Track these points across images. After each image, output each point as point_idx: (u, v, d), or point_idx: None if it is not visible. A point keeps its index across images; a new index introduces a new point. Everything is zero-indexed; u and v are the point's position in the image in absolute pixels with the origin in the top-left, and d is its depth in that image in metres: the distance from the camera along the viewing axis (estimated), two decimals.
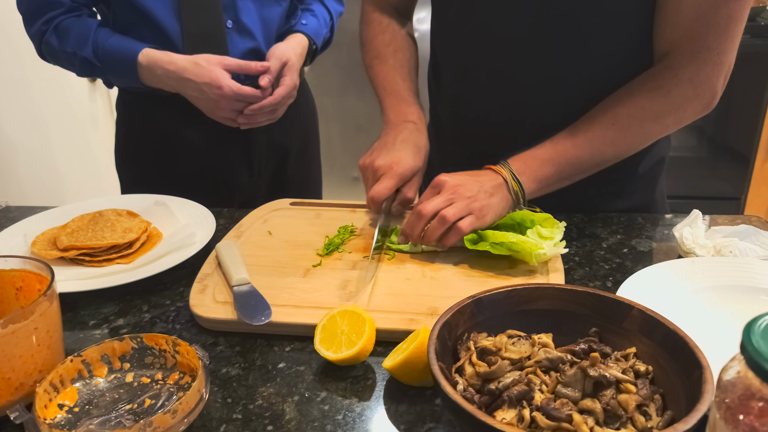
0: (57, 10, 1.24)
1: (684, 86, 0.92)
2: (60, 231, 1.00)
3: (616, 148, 0.96)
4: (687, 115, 0.96)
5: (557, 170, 0.95)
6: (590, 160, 0.95)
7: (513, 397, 0.59)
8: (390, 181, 0.98)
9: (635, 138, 0.96)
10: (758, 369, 0.42)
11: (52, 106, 1.97)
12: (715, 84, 0.93)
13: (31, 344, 0.66)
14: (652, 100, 0.93)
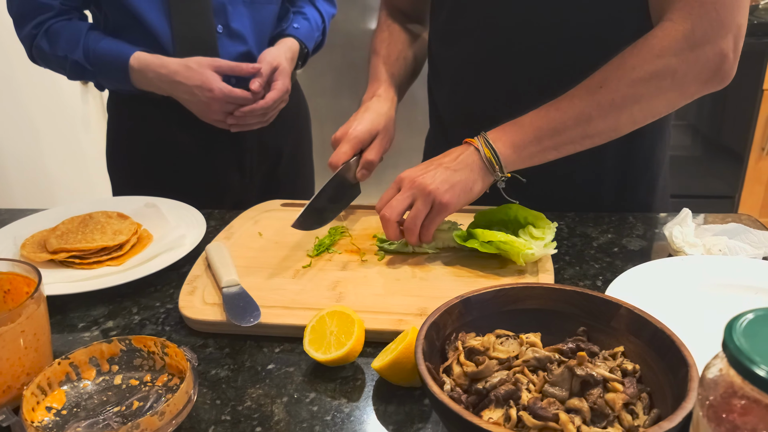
0: (47, 13, 1.24)
1: (679, 47, 0.84)
2: (50, 233, 0.99)
3: (604, 113, 0.88)
4: (689, 81, 0.87)
5: (536, 135, 0.89)
6: (575, 125, 0.88)
7: (500, 396, 0.59)
8: (345, 146, 1.00)
9: (625, 101, 0.87)
10: (740, 367, 0.42)
11: (43, 108, 1.96)
12: (719, 45, 0.84)
13: (18, 347, 0.66)
14: (643, 60, 0.86)
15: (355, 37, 2.61)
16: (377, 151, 1.02)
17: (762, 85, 2.66)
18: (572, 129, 0.88)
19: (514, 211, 0.93)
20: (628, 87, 0.86)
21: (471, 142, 0.92)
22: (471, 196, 0.90)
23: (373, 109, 1.04)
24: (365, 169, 1.01)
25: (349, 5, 2.52)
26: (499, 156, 0.89)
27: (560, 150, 0.91)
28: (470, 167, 0.90)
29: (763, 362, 0.40)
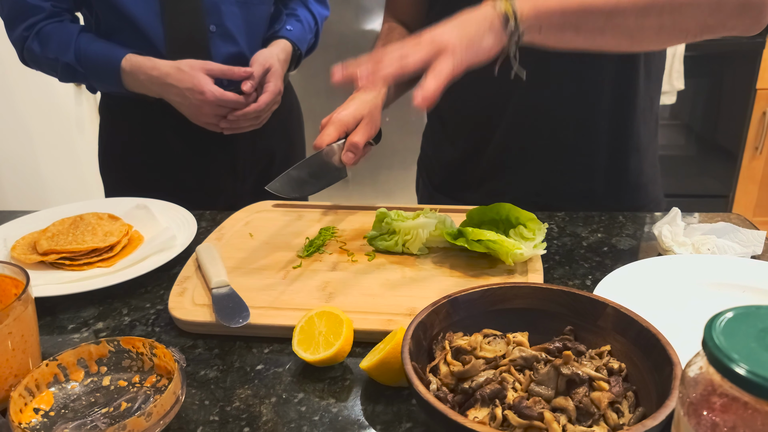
0: (38, 15, 1.24)
1: None
2: (40, 235, 1.00)
3: (636, 6, 0.82)
4: (728, 11, 0.83)
5: (562, 5, 0.82)
6: (602, 9, 0.82)
7: (485, 396, 0.59)
8: (330, 128, 0.99)
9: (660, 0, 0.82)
10: (719, 365, 0.42)
11: (36, 109, 1.96)
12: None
13: (6, 349, 0.66)
14: None
15: (349, 38, 2.62)
16: (362, 134, 1.01)
17: (755, 85, 2.67)
18: (599, 14, 0.83)
19: (506, 210, 0.93)
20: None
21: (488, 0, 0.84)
22: (479, 50, 0.82)
23: (358, 98, 1.05)
24: (350, 152, 1.01)
25: (343, 7, 2.52)
26: (517, 13, 0.81)
27: (580, 31, 0.85)
28: (481, 20, 0.82)
29: (741, 360, 0.40)
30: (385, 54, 0.80)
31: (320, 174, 1.01)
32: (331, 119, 1.01)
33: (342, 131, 1.01)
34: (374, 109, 1.05)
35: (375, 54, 0.81)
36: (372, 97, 1.06)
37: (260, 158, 1.45)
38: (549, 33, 0.84)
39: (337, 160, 1.01)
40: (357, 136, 1.01)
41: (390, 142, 1.07)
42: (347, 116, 1.01)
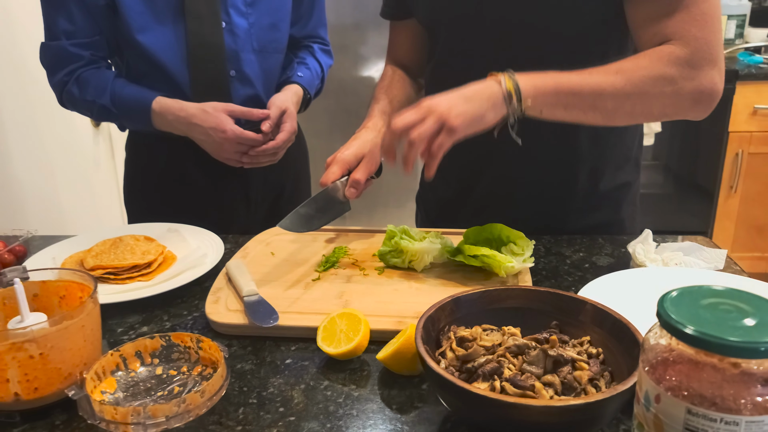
0: (78, 62, 1.37)
1: (682, 64, 0.98)
2: (85, 254, 1.12)
3: (615, 93, 0.98)
4: (685, 95, 0.99)
5: (556, 87, 0.98)
6: (590, 93, 0.98)
7: (486, 372, 0.71)
8: (334, 167, 1.13)
9: (634, 90, 0.98)
10: (669, 327, 0.54)
11: (59, 148, 2.10)
12: (710, 74, 0.99)
13: (79, 339, 0.78)
14: (654, 64, 0.99)
15: (348, 84, 2.79)
16: (363, 171, 1.15)
17: (728, 127, 2.85)
18: (585, 96, 0.99)
19: (498, 230, 1.07)
20: (639, 80, 0.98)
21: (494, 75, 0.98)
22: (481, 125, 0.96)
23: (360, 137, 1.19)
24: (353, 188, 1.14)
25: (342, 55, 2.70)
26: (521, 90, 0.96)
27: (568, 110, 1.00)
28: (486, 98, 0.95)
29: (686, 323, 0.53)
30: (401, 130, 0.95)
31: (326, 208, 1.15)
32: (335, 158, 1.15)
33: (345, 169, 1.15)
34: (374, 148, 1.18)
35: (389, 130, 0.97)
36: (372, 137, 1.20)
37: (271, 190, 1.59)
38: (543, 108, 1.00)
39: (341, 195, 1.15)
40: (359, 173, 1.15)
41: (386, 181, 1.21)
42: (350, 155, 1.15)
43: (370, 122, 1.23)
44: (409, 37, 1.34)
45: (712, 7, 0.99)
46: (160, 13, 1.35)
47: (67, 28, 1.34)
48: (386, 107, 1.27)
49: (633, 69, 1.00)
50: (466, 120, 0.94)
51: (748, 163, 2.89)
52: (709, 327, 0.52)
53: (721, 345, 0.50)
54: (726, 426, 0.50)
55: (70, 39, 1.35)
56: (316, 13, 1.59)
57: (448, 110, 0.93)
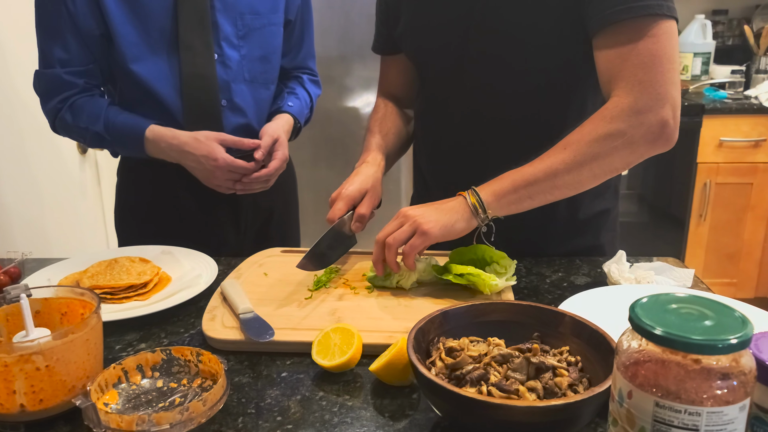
0: (72, 90, 1.42)
1: (626, 114, 1.03)
2: (81, 275, 1.15)
3: (568, 168, 1.05)
4: (638, 142, 1.04)
5: (513, 185, 1.07)
6: (544, 178, 1.06)
7: (473, 378, 0.76)
8: (340, 203, 1.19)
9: (585, 157, 1.05)
10: (639, 329, 0.60)
11: (46, 174, 2.13)
12: (660, 113, 1.03)
13: (83, 352, 0.81)
14: (598, 125, 1.05)
15: (333, 114, 2.87)
16: (367, 206, 1.21)
17: (696, 159, 2.96)
18: (542, 181, 1.07)
19: (482, 251, 1.12)
20: (586, 146, 1.05)
21: (461, 193, 1.11)
22: (452, 232, 1.08)
23: (362, 173, 1.25)
24: (358, 222, 1.21)
25: (328, 86, 2.78)
26: (483, 201, 1.08)
27: (534, 199, 1.09)
28: (456, 211, 1.08)
29: (655, 324, 0.58)
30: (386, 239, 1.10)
31: (335, 245, 1.21)
32: (340, 195, 1.21)
33: (350, 205, 1.21)
34: (376, 183, 1.25)
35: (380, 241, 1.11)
36: (373, 171, 1.26)
37: (260, 215, 1.63)
38: (510, 207, 1.10)
39: (347, 229, 1.21)
40: (363, 208, 1.21)
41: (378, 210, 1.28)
42: (354, 191, 1.21)
43: (369, 156, 1.29)
44: (399, 71, 1.41)
45: (662, 47, 1.03)
46: (155, 44, 1.41)
47: (62, 57, 1.39)
48: (381, 141, 1.34)
49: (579, 139, 1.06)
50: (437, 226, 1.07)
51: (716, 193, 3.00)
52: (674, 328, 0.58)
53: (684, 343, 0.56)
54: (690, 417, 0.56)
55: (64, 67, 1.39)
56: (306, 46, 1.66)
57: (421, 217, 1.08)
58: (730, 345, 0.55)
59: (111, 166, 1.60)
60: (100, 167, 2.41)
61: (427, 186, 1.42)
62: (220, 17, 1.43)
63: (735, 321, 0.58)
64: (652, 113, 1.03)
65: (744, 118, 2.89)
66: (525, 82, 1.19)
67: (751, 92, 3.07)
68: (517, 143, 1.22)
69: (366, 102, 2.87)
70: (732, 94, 3.05)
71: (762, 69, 3.17)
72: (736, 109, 2.89)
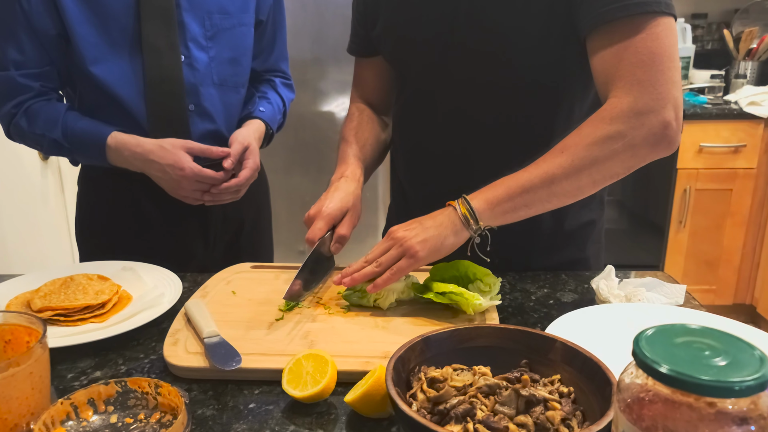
0: (27, 94, 1.33)
1: (626, 115, 0.97)
2: (33, 294, 1.06)
3: (567, 174, 0.99)
4: (639, 144, 0.97)
5: (508, 193, 1.00)
6: (541, 185, 0.99)
7: (459, 414, 0.70)
8: (320, 223, 1.11)
9: (584, 162, 0.98)
10: (645, 367, 0.54)
11: (4, 183, 2.02)
12: (661, 114, 0.96)
13: (27, 387, 0.73)
14: (597, 127, 0.98)
15: (306, 119, 2.79)
16: (348, 226, 1.14)
17: (676, 165, 2.94)
18: (539, 188, 1.00)
19: (465, 267, 1.06)
20: (584, 150, 0.98)
21: (451, 203, 1.03)
22: (442, 250, 1.01)
23: (342, 189, 1.17)
24: (338, 243, 1.13)
25: (301, 90, 2.70)
26: (474, 211, 1.00)
27: (530, 207, 1.01)
28: (445, 225, 1.01)
29: (662, 362, 0.52)
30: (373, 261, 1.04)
31: (317, 269, 1.13)
32: (320, 213, 1.12)
33: (330, 224, 1.13)
34: (356, 200, 1.17)
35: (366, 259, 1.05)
36: (353, 188, 1.19)
37: (230, 226, 1.55)
38: (505, 216, 1.02)
39: (326, 250, 1.13)
40: (344, 228, 1.14)
41: None
42: (335, 210, 1.13)
43: (347, 170, 1.22)
44: (375, 75, 1.35)
45: (662, 45, 0.97)
46: (116, 44, 1.32)
47: (16, 58, 1.30)
48: (358, 152, 1.27)
49: (576, 142, 1.00)
50: (426, 246, 1.00)
51: (695, 199, 2.98)
52: (684, 366, 0.51)
53: (696, 384, 0.50)
54: None
55: (19, 69, 1.31)
56: (278, 47, 1.59)
57: (409, 240, 1.01)
58: (748, 387, 0.49)
59: (75, 172, 1.50)
60: (64, 174, 2.30)
61: (405, 195, 1.35)
62: (186, 16, 1.35)
63: (752, 358, 0.52)
64: (654, 114, 0.97)
65: (724, 123, 2.88)
66: (511, 81, 1.13)
67: (731, 97, 3.06)
68: (500, 148, 1.16)
69: (341, 106, 2.80)
70: (712, 99, 3.03)
71: (741, 74, 3.17)
72: (716, 115, 2.87)
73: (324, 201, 1.15)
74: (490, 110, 1.15)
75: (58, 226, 2.28)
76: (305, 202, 3.01)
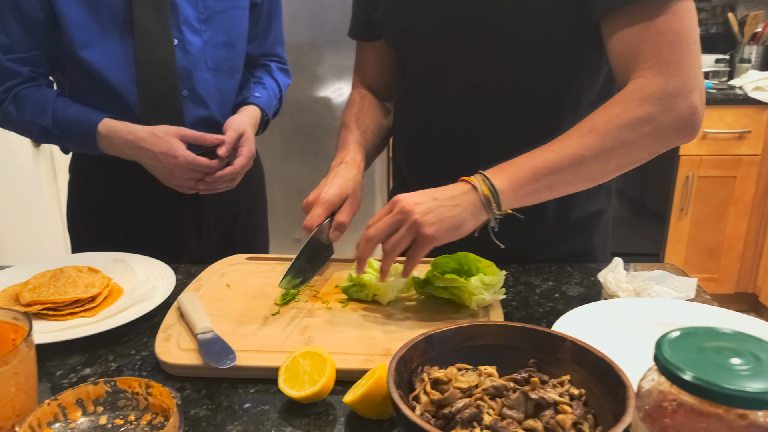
0: (16, 79, 1.28)
1: (657, 96, 0.92)
2: (21, 287, 1.02)
3: (596, 155, 0.93)
4: (667, 128, 0.94)
5: (534, 173, 0.93)
6: (569, 165, 0.93)
7: (465, 419, 0.66)
8: (319, 209, 1.06)
9: (614, 144, 0.93)
10: (668, 374, 0.50)
11: None
12: (690, 98, 0.93)
13: (11, 388, 0.69)
14: (626, 108, 0.93)
15: (303, 105, 2.74)
16: (347, 213, 1.09)
17: (678, 151, 2.90)
18: (566, 170, 0.93)
19: (467, 259, 1.02)
20: (615, 131, 0.93)
21: (468, 180, 0.94)
22: (459, 233, 0.93)
23: (342, 175, 1.12)
24: (337, 230, 1.08)
25: (298, 75, 2.65)
26: (498, 192, 0.92)
27: (554, 190, 0.95)
28: (464, 206, 0.92)
29: (686, 369, 0.49)
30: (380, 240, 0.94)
31: (315, 257, 1.09)
32: (319, 199, 1.07)
33: (329, 211, 1.07)
34: (356, 186, 1.12)
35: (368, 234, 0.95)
36: (354, 174, 1.13)
37: (225, 216, 1.51)
38: (527, 199, 0.95)
39: (325, 237, 1.08)
40: (343, 215, 1.08)
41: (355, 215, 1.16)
42: (334, 196, 1.08)
43: (348, 156, 1.17)
44: (377, 59, 1.30)
45: (687, 26, 0.93)
46: (106, 27, 1.28)
47: (4, 42, 1.26)
48: (360, 138, 1.22)
49: (607, 122, 0.94)
50: (442, 228, 0.91)
51: (698, 187, 2.94)
52: (713, 374, 0.48)
53: (726, 395, 0.47)
54: None
55: (6, 54, 1.26)
56: (274, 31, 1.54)
57: (422, 217, 0.91)
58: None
59: (68, 159, 1.46)
60: (56, 161, 2.25)
61: (405, 183, 1.31)
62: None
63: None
64: (683, 97, 0.92)
65: (728, 109, 2.83)
66: (518, 56, 1.07)
67: (736, 82, 3.01)
68: (505, 131, 1.11)
69: (339, 92, 2.75)
70: (716, 84, 2.99)
71: (746, 58, 3.12)
72: (720, 100, 2.83)
73: (323, 187, 1.10)
74: (496, 88, 1.10)
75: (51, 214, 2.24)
76: (302, 189, 2.97)
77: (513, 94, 1.10)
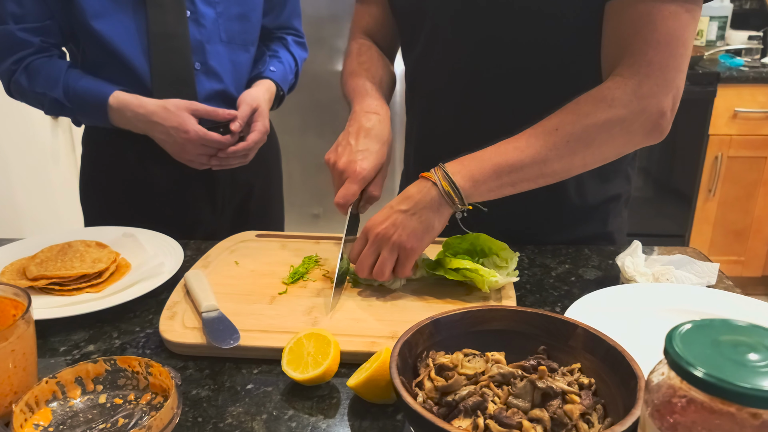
0: (27, 50, 1.27)
1: (628, 97, 0.92)
2: (29, 261, 1.02)
3: (560, 155, 0.93)
4: (635, 130, 0.94)
5: (495, 171, 0.93)
6: (532, 164, 0.93)
7: (468, 407, 0.64)
8: (354, 186, 0.98)
9: (579, 144, 0.93)
10: (679, 369, 0.47)
11: (13, 141, 1.98)
12: (661, 102, 0.93)
13: (8, 366, 0.69)
14: (596, 107, 0.93)
15: (322, 78, 2.70)
16: (380, 185, 1.03)
17: (707, 131, 2.82)
18: (529, 168, 0.93)
19: (480, 241, 0.99)
20: (582, 131, 0.93)
21: (428, 176, 0.94)
22: (433, 234, 0.95)
23: (376, 136, 1.02)
24: (368, 204, 1.03)
25: (317, 48, 2.61)
26: (459, 189, 0.93)
27: (516, 186, 0.95)
28: (427, 206, 0.93)
29: (698, 364, 0.46)
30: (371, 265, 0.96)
31: (351, 231, 1.04)
32: (354, 174, 0.98)
33: (364, 187, 1.01)
34: (390, 151, 1.05)
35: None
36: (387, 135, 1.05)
37: (239, 191, 1.50)
38: (488, 195, 0.95)
39: (354, 208, 1.02)
40: (376, 189, 1.02)
41: None
42: (370, 172, 1.00)
43: (375, 104, 1.06)
44: (380, 15, 1.22)
45: (681, 27, 0.91)
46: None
47: (15, 11, 1.24)
48: (378, 88, 1.13)
49: (574, 120, 0.93)
50: (417, 239, 0.94)
51: (727, 167, 2.86)
52: (726, 370, 0.45)
53: (739, 393, 0.44)
54: None
55: (18, 23, 1.25)
56: (291, 2, 1.51)
57: (399, 237, 0.93)
58: None
59: None
60: (75, 133, 2.25)
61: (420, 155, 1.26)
62: None
63: None
64: (655, 100, 0.92)
65: (761, 87, 2.74)
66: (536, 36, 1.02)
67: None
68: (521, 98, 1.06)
69: None
70: (749, 62, 2.89)
71: None
72: (752, 78, 2.73)
73: (359, 151, 1.00)
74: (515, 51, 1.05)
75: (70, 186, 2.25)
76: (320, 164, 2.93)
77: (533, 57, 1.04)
